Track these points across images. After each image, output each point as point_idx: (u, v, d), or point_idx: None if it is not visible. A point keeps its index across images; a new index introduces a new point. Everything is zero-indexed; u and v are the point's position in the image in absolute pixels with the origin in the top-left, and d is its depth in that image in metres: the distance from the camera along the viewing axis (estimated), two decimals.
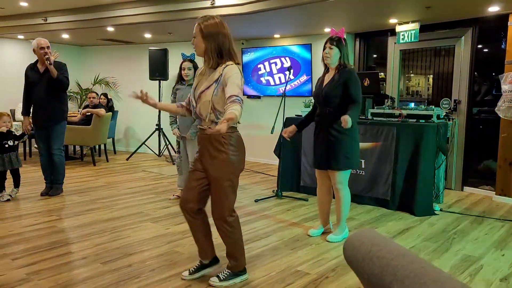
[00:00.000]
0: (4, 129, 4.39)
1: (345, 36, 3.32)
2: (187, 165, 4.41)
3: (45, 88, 4.52)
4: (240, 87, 2.36)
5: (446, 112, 4.74)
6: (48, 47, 4.47)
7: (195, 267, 2.69)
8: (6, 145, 4.41)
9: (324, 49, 3.31)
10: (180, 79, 4.46)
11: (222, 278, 2.58)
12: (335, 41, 3.27)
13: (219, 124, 2.09)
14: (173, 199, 4.66)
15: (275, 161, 5.69)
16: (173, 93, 4.49)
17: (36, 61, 4.62)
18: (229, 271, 2.61)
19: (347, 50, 3.31)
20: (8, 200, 4.43)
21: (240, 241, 2.59)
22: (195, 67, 4.37)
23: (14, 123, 5.31)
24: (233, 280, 2.59)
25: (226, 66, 2.41)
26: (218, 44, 2.42)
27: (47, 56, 4.39)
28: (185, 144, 4.42)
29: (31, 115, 4.69)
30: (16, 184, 4.57)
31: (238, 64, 2.47)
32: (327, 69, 3.41)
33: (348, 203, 3.45)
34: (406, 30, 5.33)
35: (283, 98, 4.75)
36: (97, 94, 7.23)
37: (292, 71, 5.78)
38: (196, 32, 2.44)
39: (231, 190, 2.48)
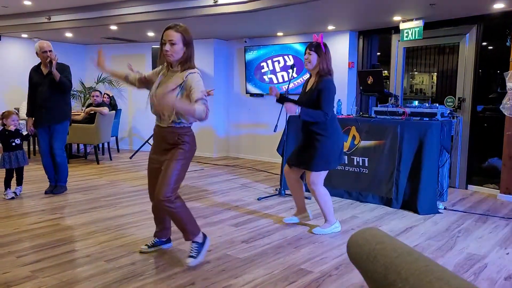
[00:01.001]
0: (12, 128, 4.43)
1: (324, 41, 3.49)
2: None
3: (48, 89, 4.57)
4: (204, 92, 2.57)
5: (450, 110, 4.71)
6: (50, 51, 4.50)
7: (153, 243, 3.05)
8: (14, 144, 4.44)
9: (304, 54, 3.45)
10: None
11: (195, 255, 2.79)
12: (314, 46, 3.39)
13: (185, 104, 2.45)
14: None
15: (278, 159, 5.69)
16: None
17: (40, 63, 4.66)
18: (195, 245, 2.82)
19: (327, 56, 3.40)
20: (13, 198, 4.45)
21: (188, 215, 2.77)
22: None
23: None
24: (203, 250, 2.84)
25: (189, 73, 2.61)
26: (192, 51, 2.68)
27: (49, 60, 4.45)
28: None
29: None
30: (19, 182, 4.59)
31: (196, 68, 2.69)
32: (310, 75, 3.54)
33: (326, 200, 3.52)
34: (410, 27, 5.30)
35: None
36: (100, 92, 7.25)
37: (295, 69, 5.75)
38: (176, 39, 2.59)
39: (179, 176, 2.68)
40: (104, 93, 7.62)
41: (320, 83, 3.33)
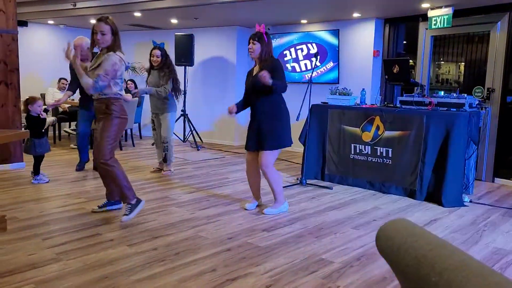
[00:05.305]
0: (44, 115, 4.54)
1: (266, 30, 3.64)
2: (160, 140, 5.19)
3: None
4: (106, 70, 3.20)
5: (479, 101, 4.57)
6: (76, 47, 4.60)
7: (103, 204, 3.62)
8: (43, 130, 4.55)
9: (248, 44, 3.63)
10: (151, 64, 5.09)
11: (128, 213, 3.29)
12: (257, 36, 3.58)
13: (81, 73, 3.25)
14: (153, 171, 5.31)
15: (300, 148, 5.65)
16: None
17: None
18: (128, 206, 3.32)
19: (269, 44, 3.60)
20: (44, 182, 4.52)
21: (122, 177, 3.34)
22: (163, 55, 5.05)
23: (44, 107, 5.46)
24: (135, 210, 3.33)
25: (108, 54, 3.29)
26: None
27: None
28: (159, 121, 5.09)
29: (78, 96, 5.15)
30: (37, 170, 4.54)
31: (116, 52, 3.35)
32: (255, 63, 3.74)
33: (277, 180, 3.72)
34: (439, 15, 5.14)
35: (309, 85, 4.68)
36: (124, 79, 7.31)
37: (318, 57, 5.67)
38: (106, 29, 3.40)
39: (111, 140, 3.33)
40: (128, 80, 7.69)
41: (269, 63, 3.54)
